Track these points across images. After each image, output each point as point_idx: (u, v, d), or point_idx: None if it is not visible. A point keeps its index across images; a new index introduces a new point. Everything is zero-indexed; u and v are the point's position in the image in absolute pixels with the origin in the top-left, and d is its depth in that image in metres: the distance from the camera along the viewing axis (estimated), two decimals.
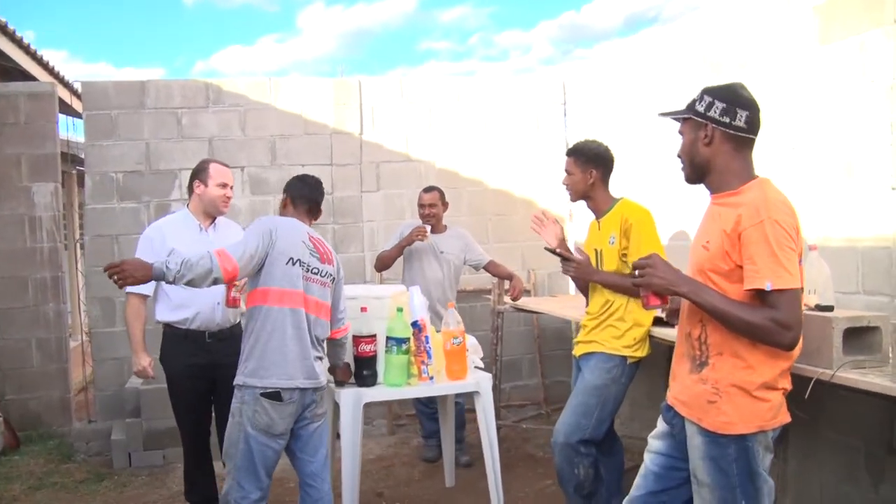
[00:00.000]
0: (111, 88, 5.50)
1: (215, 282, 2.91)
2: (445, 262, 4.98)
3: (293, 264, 3.05)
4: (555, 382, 6.36)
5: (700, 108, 2.25)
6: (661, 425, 2.41)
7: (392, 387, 3.63)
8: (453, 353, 3.79)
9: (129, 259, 2.97)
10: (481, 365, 4.11)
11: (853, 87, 3.37)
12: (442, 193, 5.00)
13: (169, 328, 3.77)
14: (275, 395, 2.99)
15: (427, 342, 3.69)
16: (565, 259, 3.50)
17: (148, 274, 2.83)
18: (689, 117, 2.28)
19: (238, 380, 3.06)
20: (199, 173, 3.77)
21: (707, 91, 2.26)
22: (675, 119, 2.38)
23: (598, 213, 3.50)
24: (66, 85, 6.97)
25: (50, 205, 5.43)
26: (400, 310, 3.63)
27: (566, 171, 3.53)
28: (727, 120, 2.19)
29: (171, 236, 3.70)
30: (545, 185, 6.34)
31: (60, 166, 5.52)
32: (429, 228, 4.82)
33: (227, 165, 3.83)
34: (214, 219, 3.83)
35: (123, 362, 5.43)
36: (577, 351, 3.56)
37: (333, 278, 3.26)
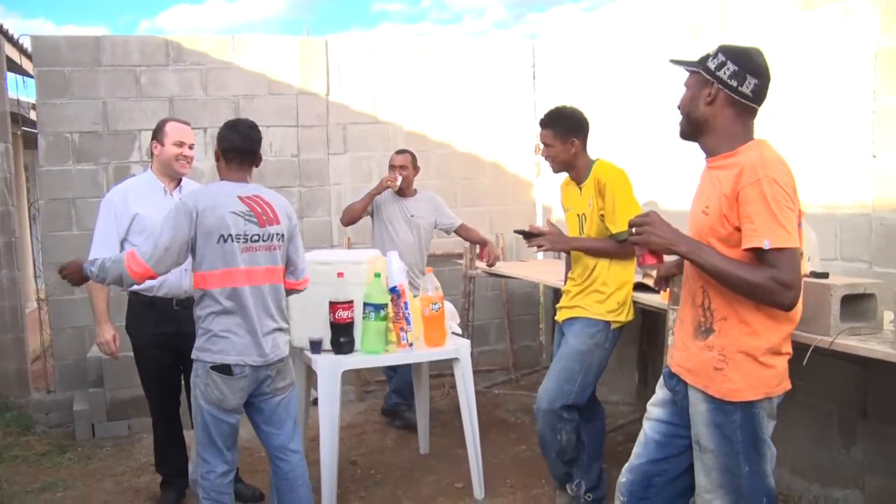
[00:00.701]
0: (64, 44, 5.23)
1: (132, 284, 2.91)
2: (416, 226, 4.91)
3: (225, 241, 2.85)
4: (523, 347, 6.37)
5: (711, 65, 2.18)
6: (661, 392, 2.39)
7: (370, 354, 3.57)
8: (432, 319, 3.75)
9: (71, 262, 3.00)
10: (459, 331, 4.07)
11: (836, 53, 3.37)
12: (414, 157, 4.91)
13: (134, 296, 3.64)
14: (224, 369, 2.89)
15: (406, 308, 3.64)
16: (534, 235, 3.45)
17: (83, 276, 2.96)
18: (698, 71, 2.22)
19: (193, 353, 2.98)
20: (156, 133, 3.65)
21: (723, 49, 2.18)
22: (686, 69, 2.30)
23: (580, 179, 3.45)
24: (11, 41, 6.58)
25: (0, 166, 5.17)
26: (377, 275, 3.56)
27: (544, 143, 3.44)
28: (734, 84, 2.13)
29: (135, 200, 3.56)
30: (513, 148, 6.29)
31: (10, 125, 5.24)
32: (399, 179, 4.75)
33: (186, 123, 3.69)
34: (180, 181, 3.69)
35: (83, 330, 5.25)
36: (561, 316, 3.53)
37: (283, 236, 3.02)
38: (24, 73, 6.35)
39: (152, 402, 3.78)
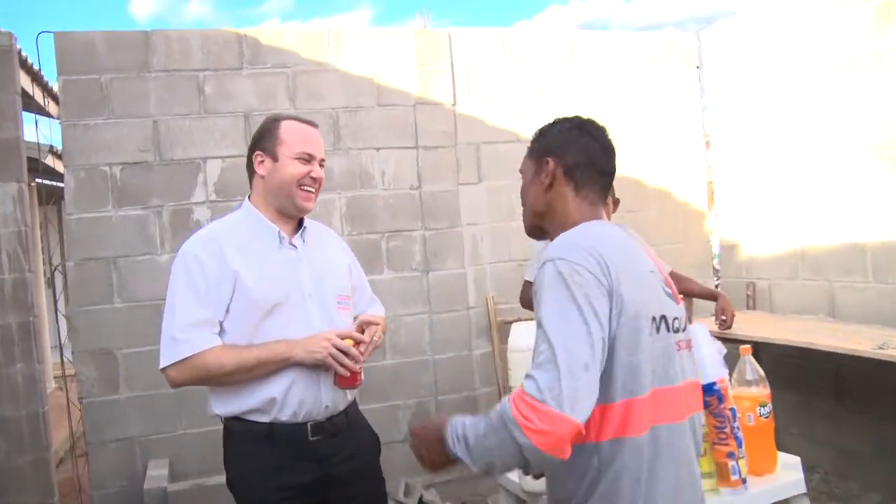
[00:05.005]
0: (100, 42, 3.74)
1: (540, 459, 1.31)
2: None
3: (658, 329, 1.43)
4: None
5: None
6: None
7: None
8: (759, 430, 2.21)
9: (420, 428, 1.52)
10: None
11: None
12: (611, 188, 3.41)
13: (237, 424, 2.04)
14: None
15: (734, 420, 2.09)
16: None
17: (446, 457, 1.43)
18: None
19: None
20: (264, 138, 2.05)
21: None
22: None
23: None
24: (26, 66, 4.96)
25: (12, 216, 3.64)
26: None
27: None
28: None
29: (236, 255, 1.96)
30: (681, 171, 4.81)
31: (26, 159, 3.74)
32: None
33: (311, 124, 2.09)
34: (301, 222, 2.16)
35: (133, 444, 3.67)
36: None
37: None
38: (40, 111, 4.88)
39: None
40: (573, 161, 1.57)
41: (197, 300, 1.92)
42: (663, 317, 1.43)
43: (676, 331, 1.49)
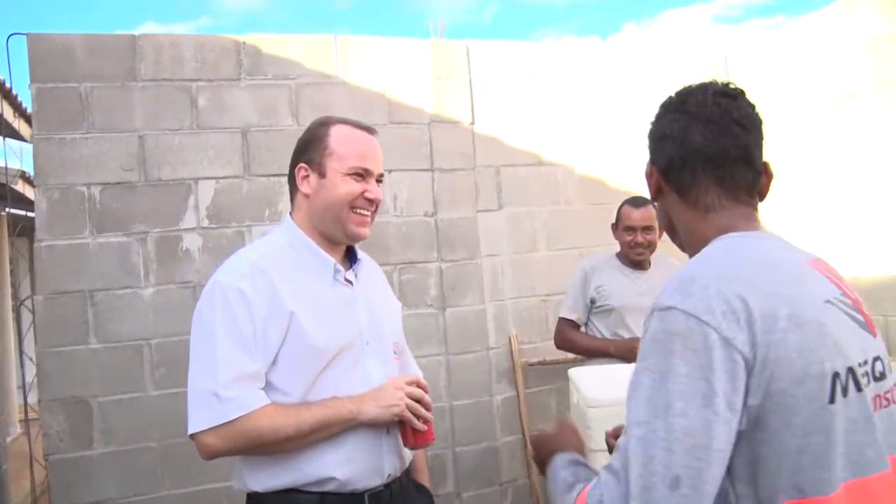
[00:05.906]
0: (80, 46, 3.31)
1: None
2: None
3: (842, 390, 0.98)
4: None
5: None
6: None
7: None
8: None
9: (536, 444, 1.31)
10: None
11: None
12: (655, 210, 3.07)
13: (278, 497, 1.61)
14: None
15: None
16: None
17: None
18: None
19: None
20: (309, 147, 1.69)
21: None
22: None
23: None
24: (2, 91, 4.53)
25: None
26: None
27: None
28: None
29: (289, 292, 1.59)
30: None
31: None
32: None
33: (369, 130, 1.73)
34: (352, 252, 1.78)
35: None
36: None
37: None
38: (11, 132, 4.46)
39: None
40: (666, 158, 1.20)
41: (243, 348, 1.52)
42: (850, 370, 0.99)
43: (878, 378, 1.04)
